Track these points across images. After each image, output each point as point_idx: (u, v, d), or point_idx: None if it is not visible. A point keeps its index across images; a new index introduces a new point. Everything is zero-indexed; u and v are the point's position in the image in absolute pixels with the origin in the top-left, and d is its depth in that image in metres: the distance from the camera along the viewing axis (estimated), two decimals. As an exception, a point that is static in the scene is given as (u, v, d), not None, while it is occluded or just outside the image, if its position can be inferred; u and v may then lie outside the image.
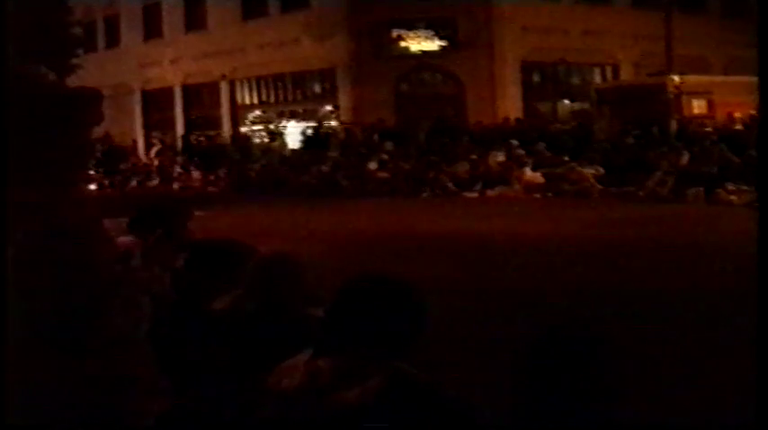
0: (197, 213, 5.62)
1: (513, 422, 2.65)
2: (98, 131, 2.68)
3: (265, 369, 3.19)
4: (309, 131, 33.72)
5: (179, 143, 36.91)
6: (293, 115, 36.10)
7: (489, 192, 24.25)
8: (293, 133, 34.79)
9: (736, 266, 11.29)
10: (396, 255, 12.49)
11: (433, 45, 33.02)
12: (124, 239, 4.87)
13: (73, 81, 2.90)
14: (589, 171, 23.64)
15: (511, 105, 32.99)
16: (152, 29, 39.94)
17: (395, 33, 33.04)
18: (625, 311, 8.54)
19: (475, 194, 24.25)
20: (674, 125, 25.44)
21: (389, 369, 2.95)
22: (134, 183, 31.40)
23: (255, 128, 36.83)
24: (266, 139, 35.24)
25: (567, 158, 24.72)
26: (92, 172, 29.56)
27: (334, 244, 14.27)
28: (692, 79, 27.37)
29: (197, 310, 3.95)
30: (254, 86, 37.42)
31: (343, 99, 34.41)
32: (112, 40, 41.12)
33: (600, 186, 23.07)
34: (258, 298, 3.92)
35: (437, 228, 17.17)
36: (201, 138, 36.31)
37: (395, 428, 2.85)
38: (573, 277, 11.21)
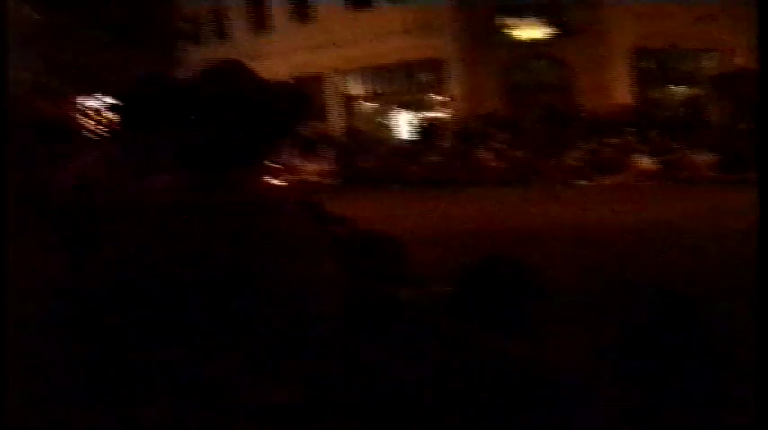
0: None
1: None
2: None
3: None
4: (419, 122, 33.94)
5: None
6: (403, 106, 36.36)
7: (603, 180, 24.31)
8: (403, 124, 35.05)
9: None
10: (515, 243, 12.69)
11: (543, 33, 32.97)
12: None
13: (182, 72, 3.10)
14: (702, 158, 23.53)
15: (622, 92, 32.82)
16: (259, 22, 40.50)
17: (504, 22, 33.05)
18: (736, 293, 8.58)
19: (588, 182, 24.30)
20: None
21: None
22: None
23: (365, 119, 37.14)
24: (376, 131, 35.55)
25: (679, 145, 24.63)
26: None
27: (454, 233, 14.49)
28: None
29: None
30: (364, 78, 37.81)
31: (453, 89, 34.57)
32: (222, 35, 41.81)
33: (714, 173, 22.94)
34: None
35: (551, 216, 17.24)
36: (315, 130, 36.71)
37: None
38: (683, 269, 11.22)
